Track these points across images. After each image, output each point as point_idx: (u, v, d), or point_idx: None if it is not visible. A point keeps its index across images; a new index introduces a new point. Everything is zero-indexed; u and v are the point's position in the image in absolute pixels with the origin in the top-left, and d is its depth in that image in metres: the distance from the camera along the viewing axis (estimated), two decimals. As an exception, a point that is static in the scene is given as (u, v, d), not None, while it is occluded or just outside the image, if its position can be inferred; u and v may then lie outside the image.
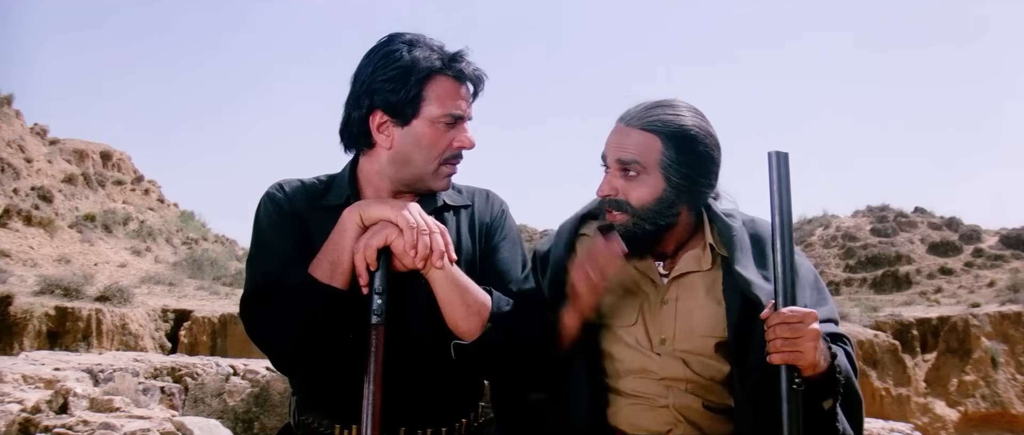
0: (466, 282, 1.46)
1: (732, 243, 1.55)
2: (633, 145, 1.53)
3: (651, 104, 1.56)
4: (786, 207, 1.38)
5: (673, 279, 1.58)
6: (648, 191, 1.52)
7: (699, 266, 1.58)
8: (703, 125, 1.55)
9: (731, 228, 1.57)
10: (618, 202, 1.54)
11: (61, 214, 17.37)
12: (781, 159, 1.39)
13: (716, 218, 1.60)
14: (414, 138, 1.48)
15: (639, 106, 1.57)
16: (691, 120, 1.54)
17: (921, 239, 26.78)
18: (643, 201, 1.52)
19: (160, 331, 12.26)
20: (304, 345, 1.42)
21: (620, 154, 1.54)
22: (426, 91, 1.46)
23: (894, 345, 16.37)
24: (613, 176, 1.56)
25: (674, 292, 1.58)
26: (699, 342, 1.55)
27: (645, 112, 1.55)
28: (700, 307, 1.56)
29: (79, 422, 2.15)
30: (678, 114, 1.54)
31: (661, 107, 1.55)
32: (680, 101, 1.57)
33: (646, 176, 1.52)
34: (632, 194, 1.53)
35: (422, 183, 1.52)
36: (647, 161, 1.52)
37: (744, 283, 1.50)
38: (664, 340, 1.56)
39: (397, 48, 1.47)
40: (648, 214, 1.53)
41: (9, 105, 19.73)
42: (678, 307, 1.57)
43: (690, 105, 1.57)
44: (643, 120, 1.54)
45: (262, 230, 1.53)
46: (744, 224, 1.62)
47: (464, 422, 1.59)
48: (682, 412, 1.54)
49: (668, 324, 1.56)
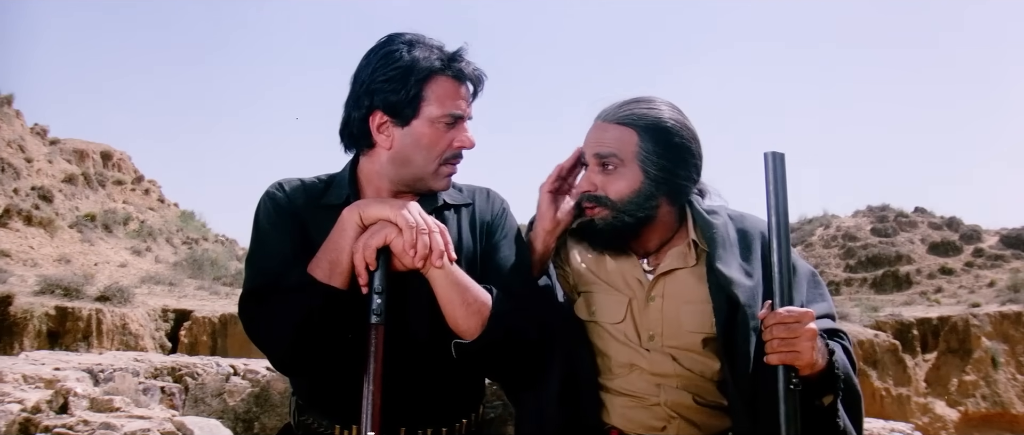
0: (466, 281, 1.46)
1: (714, 239, 1.56)
2: (610, 139, 1.55)
3: (627, 100, 1.60)
4: (782, 207, 1.39)
5: (659, 276, 1.59)
6: (626, 184, 1.54)
7: (684, 263, 1.59)
8: (679, 118, 1.57)
9: (713, 225, 1.57)
10: (597, 197, 1.56)
11: (61, 214, 17.36)
12: (777, 159, 1.39)
13: (698, 215, 1.60)
14: (414, 138, 1.48)
15: (616, 103, 1.60)
16: (667, 113, 1.56)
17: (921, 239, 26.77)
18: (621, 194, 1.54)
19: (160, 331, 12.26)
20: (303, 345, 1.42)
21: (598, 149, 1.56)
22: (426, 91, 1.46)
23: (894, 345, 16.36)
24: (592, 172, 1.58)
25: (660, 289, 1.58)
26: (687, 338, 1.55)
27: (621, 107, 1.58)
28: (686, 304, 1.56)
29: (79, 422, 2.15)
30: (653, 108, 1.57)
31: (637, 102, 1.58)
32: (657, 96, 1.60)
33: (624, 169, 1.54)
34: (611, 188, 1.55)
35: (422, 183, 1.52)
36: (624, 154, 1.54)
37: (725, 281, 1.51)
38: (652, 336, 1.56)
39: (397, 48, 1.47)
40: (627, 207, 1.55)
41: (9, 105, 19.73)
42: (665, 304, 1.57)
43: (667, 100, 1.60)
44: (619, 115, 1.57)
45: (262, 229, 1.53)
46: (732, 219, 1.63)
47: (465, 422, 1.59)
48: (675, 409, 1.54)
49: (655, 321, 1.57)
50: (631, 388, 1.57)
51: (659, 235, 1.62)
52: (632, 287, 1.60)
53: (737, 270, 1.53)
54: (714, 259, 1.54)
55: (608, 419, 1.58)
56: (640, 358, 1.56)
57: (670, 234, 1.63)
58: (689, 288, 1.57)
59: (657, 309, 1.57)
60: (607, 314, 1.59)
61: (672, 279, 1.59)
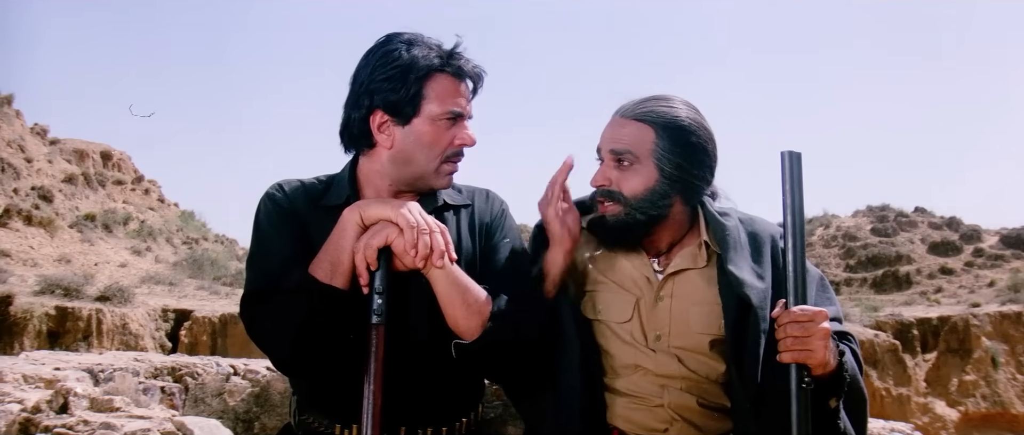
0: (466, 281, 1.46)
1: (726, 241, 1.55)
2: (627, 136, 1.55)
3: (646, 97, 1.59)
4: (798, 206, 1.38)
5: (668, 276, 1.58)
6: (641, 181, 1.54)
7: (694, 263, 1.58)
8: (697, 118, 1.56)
9: (725, 226, 1.57)
10: (611, 192, 1.56)
11: (61, 214, 17.36)
12: (794, 159, 1.38)
13: (710, 217, 1.60)
14: (415, 137, 1.48)
15: (634, 99, 1.59)
16: (685, 112, 1.56)
17: (921, 239, 26.79)
18: (635, 191, 1.54)
19: (160, 331, 12.26)
20: (304, 345, 1.42)
21: (614, 145, 1.56)
22: (426, 89, 1.46)
23: (894, 345, 16.37)
24: (607, 167, 1.57)
25: (669, 289, 1.58)
26: (694, 339, 1.55)
27: (639, 104, 1.57)
28: (695, 305, 1.56)
29: (79, 422, 2.15)
30: (672, 107, 1.56)
31: (655, 100, 1.58)
32: (675, 95, 1.59)
33: (639, 166, 1.54)
34: (625, 184, 1.54)
35: (424, 181, 1.52)
36: (640, 151, 1.53)
37: (737, 283, 1.50)
38: (659, 336, 1.56)
39: (395, 48, 1.47)
40: (640, 204, 1.54)
41: (9, 105, 19.73)
42: (673, 304, 1.57)
43: (685, 99, 1.59)
44: (637, 112, 1.56)
45: (262, 231, 1.53)
46: (742, 222, 1.62)
47: (465, 422, 1.59)
48: (678, 411, 1.54)
49: (663, 320, 1.56)
50: (634, 389, 1.56)
51: (670, 234, 1.61)
52: (640, 286, 1.59)
53: (748, 272, 1.53)
54: (726, 261, 1.53)
55: (610, 419, 1.58)
56: (645, 359, 1.56)
57: (682, 234, 1.62)
58: (698, 289, 1.57)
59: (665, 309, 1.57)
60: (614, 313, 1.59)
61: (681, 279, 1.58)
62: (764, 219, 1.66)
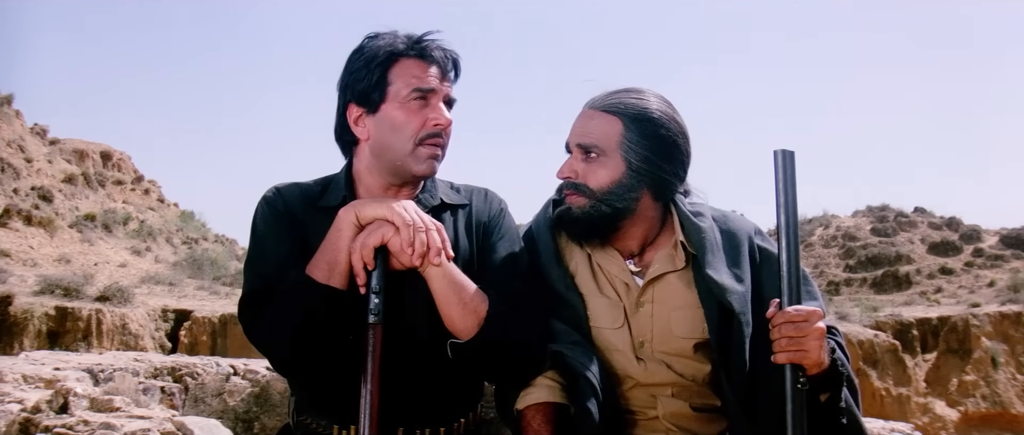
0: (463, 280, 1.46)
1: (702, 243, 1.53)
2: (595, 129, 1.53)
3: (617, 89, 1.57)
4: (792, 206, 1.37)
5: (648, 281, 1.56)
6: (607, 174, 1.52)
7: (673, 265, 1.56)
8: (668, 112, 1.54)
9: (701, 228, 1.54)
10: (576, 185, 1.54)
11: (61, 214, 17.36)
12: (787, 158, 1.37)
13: (684, 217, 1.57)
14: (388, 122, 1.48)
15: (605, 91, 1.58)
16: (655, 104, 1.54)
17: (921, 239, 26.76)
18: (601, 184, 1.52)
19: (160, 331, 12.26)
20: (303, 346, 1.42)
21: (581, 139, 1.54)
22: (390, 75, 1.47)
23: (894, 345, 16.36)
24: (574, 160, 1.56)
25: (650, 294, 1.56)
26: (678, 343, 1.53)
27: (609, 96, 1.56)
28: (676, 309, 1.54)
29: (79, 422, 2.14)
30: (642, 99, 1.54)
31: (626, 91, 1.56)
32: (647, 88, 1.57)
33: (606, 159, 1.52)
34: (591, 177, 1.53)
35: (404, 168, 1.50)
36: (608, 144, 1.52)
37: (718, 289, 1.48)
38: (643, 343, 1.54)
39: (363, 43, 1.51)
40: (606, 197, 1.52)
41: (9, 105, 19.72)
42: (655, 309, 1.55)
43: (657, 93, 1.57)
44: (606, 103, 1.55)
45: (259, 233, 1.53)
46: (716, 220, 1.60)
47: (463, 422, 1.59)
48: (673, 420, 1.52)
49: (646, 326, 1.54)
50: (626, 404, 1.54)
51: (642, 232, 1.59)
52: (619, 291, 1.57)
53: (727, 276, 1.51)
54: (704, 265, 1.51)
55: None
56: (634, 369, 1.53)
57: (655, 233, 1.60)
58: (679, 293, 1.55)
59: (647, 315, 1.55)
60: (606, 320, 1.56)
61: (661, 284, 1.56)
62: (738, 215, 1.65)
